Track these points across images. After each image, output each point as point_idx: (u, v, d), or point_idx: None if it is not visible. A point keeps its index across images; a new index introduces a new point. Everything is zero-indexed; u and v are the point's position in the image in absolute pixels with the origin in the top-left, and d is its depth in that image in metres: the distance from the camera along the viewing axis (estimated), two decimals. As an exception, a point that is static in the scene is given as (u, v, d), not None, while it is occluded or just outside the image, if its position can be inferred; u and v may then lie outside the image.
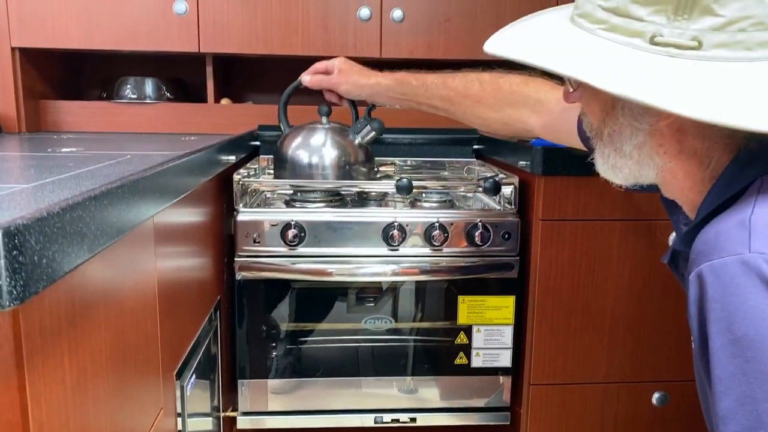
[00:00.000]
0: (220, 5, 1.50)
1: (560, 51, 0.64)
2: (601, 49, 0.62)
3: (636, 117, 0.65)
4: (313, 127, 1.28)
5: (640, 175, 0.69)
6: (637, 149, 0.67)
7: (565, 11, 0.72)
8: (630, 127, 0.66)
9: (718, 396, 0.55)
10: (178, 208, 0.86)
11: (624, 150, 0.68)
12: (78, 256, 0.45)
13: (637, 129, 0.66)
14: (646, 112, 0.64)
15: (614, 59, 0.60)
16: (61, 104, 1.58)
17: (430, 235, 1.16)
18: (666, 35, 0.58)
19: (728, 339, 0.55)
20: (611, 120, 0.67)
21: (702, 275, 0.57)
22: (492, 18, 1.56)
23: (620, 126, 0.67)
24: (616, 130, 0.67)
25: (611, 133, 0.68)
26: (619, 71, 0.59)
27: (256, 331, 1.19)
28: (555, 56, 0.64)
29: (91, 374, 0.53)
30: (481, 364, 1.23)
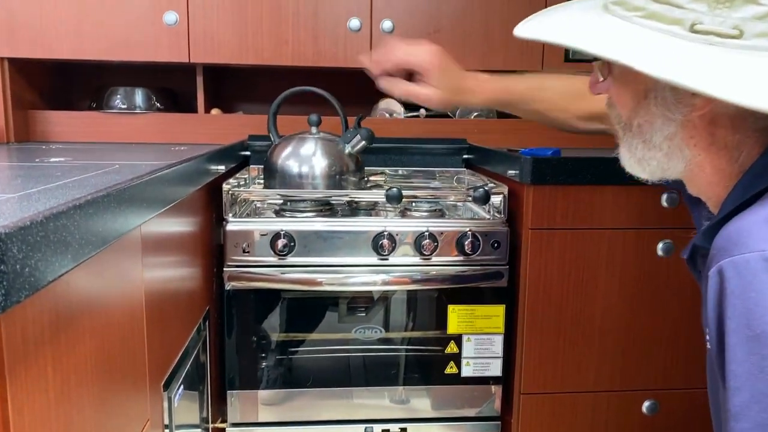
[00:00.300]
0: (210, 16, 1.51)
1: (596, 35, 0.63)
2: (638, 36, 0.61)
3: (669, 107, 0.65)
4: (303, 136, 1.28)
5: (668, 167, 0.69)
6: (668, 140, 0.67)
7: (593, 2, 0.72)
8: (662, 117, 0.66)
9: (731, 392, 0.55)
10: (167, 218, 0.86)
11: (654, 141, 0.67)
12: (62, 266, 0.45)
13: (670, 119, 0.65)
14: (680, 101, 0.64)
15: (653, 45, 0.60)
16: (50, 114, 1.57)
17: (420, 244, 1.16)
18: (706, 23, 0.58)
19: (746, 336, 0.54)
20: (643, 110, 0.67)
21: (723, 271, 0.57)
22: (481, 29, 1.57)
23: (652, 116, 0.66)
24: (647, 121, 0.67)
25: (641, 124, 0.68)
26: (660, 56, 0.59)
27: (245, 341, 1.19)
28: (592, 39, 0.63)
29: (76, 385, 0.53)
30: (472, 373, 1.22)
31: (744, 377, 0.54)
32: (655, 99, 0.65)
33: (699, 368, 1.22)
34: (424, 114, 1.72)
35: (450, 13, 1.56)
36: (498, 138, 1.67)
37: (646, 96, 0.66)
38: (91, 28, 1.48)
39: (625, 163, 0.73)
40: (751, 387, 0.54)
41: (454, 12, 1.56)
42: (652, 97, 0.65)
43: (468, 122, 1.70)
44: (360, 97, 1.83)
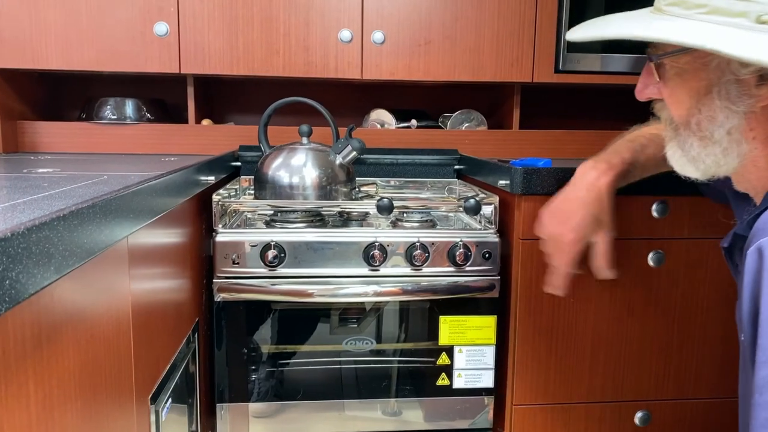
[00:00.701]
0: (201, 26, 1.51)
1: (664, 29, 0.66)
2: (707, 29, 0.63)
3: (733, 100, 0.67)
4: (294, 147, 1.28)
5: (723, 163, 0.71)
6: (728, 134, 0.69)
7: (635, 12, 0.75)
8: (725, 110, 0.68)
9: (759, 365, 0.56)
10: (155, 229, 0.85)
11: (714, 136, 0.69)
12: (44, 278, 0.44)
13: (733, 112, 0.67)
14: (744, 93, 0.66)
15: (726, 35, 0.62)
16: (39, 125, 1.56)
17: (411, 255, 1.15)
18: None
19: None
20: (705, 105, 0.69)
21: (762, 248, 0.59)
22: (471, 41, 1.58)
23: (714, 111, 0.68)
24: (709, 116, 0.69)
25: (700, 121, 0.70)
26: (741, 42, 0.61)
27: (235, 353, 1.17)
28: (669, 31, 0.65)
29: (59, 400, 0.52)
30: (464, 385, 1.22)
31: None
32: (719, 93, 0.67)
33: (691, 378, 1.22)
34: (416, 125, 1.72)
35: (440, 24, 1.57)
36: (489, 149, 1.68)
37: (709, 91, 0.68)
38: (81, 38, 1.48)
39: (675, 163, 0.75)
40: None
41: (445, 24, 1.57)
42: (715, 92, 0.68)
43: (459, 133, 1.70)
44: (351, 107, 1.84)
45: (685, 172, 0.76)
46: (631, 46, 1.56)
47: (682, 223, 1.17)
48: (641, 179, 1.06)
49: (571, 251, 0.98)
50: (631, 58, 1.59)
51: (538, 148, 1.70)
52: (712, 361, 1.22)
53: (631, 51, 1.59)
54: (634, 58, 1.59)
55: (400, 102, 1.84)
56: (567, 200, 0.99)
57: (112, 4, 1.47)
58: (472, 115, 1.74)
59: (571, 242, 0.97)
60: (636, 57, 1.59)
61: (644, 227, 1.17)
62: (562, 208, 0.99)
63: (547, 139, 1.71)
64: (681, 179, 1.10)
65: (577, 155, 1.44)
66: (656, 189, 1.14)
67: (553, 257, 1.01)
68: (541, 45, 1.59)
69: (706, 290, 1.19)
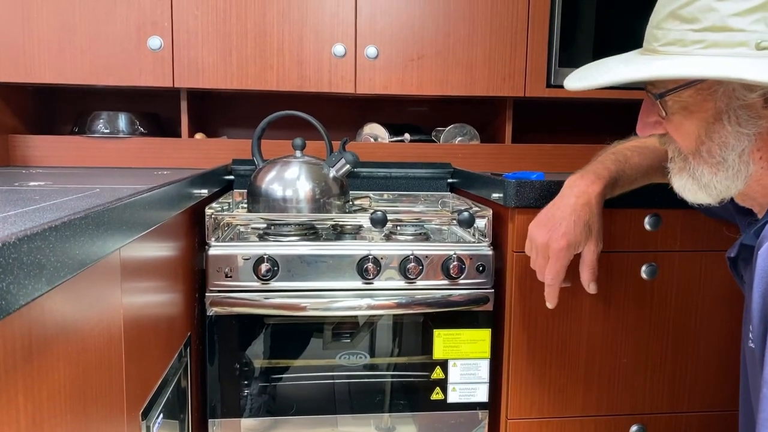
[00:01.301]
0: (194, 40, 1.51)
1: (670, 67, 0.69)
2: (712, 61, 0.66)
3: (742, 123, 0.70)
4: (288, 160, 1.28)
5: (732, 186, 0.74)
6: (739, 157, 0.71)
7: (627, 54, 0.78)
8: (736, 134, 0.70)
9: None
10: (147, 242, 0.84)
11: (727, 161, 0.72)
12: (36, 289, 0.43)
13: (743, 135, 0.70)
14: (753, 116, 0.69)
15: (732, 64, 0.64)
16: (31, 138, 1.56)
17: (405, 268, 1.15)
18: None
19: None
20: (716, 133, 0.71)
21: None
22: (464, 55, 1.59)
23: (726, 136, 0.71)
24: (721, 143, 0.71)
25: (711, 148, 0.72)
26: (748, 68, 0.63)
27: (228, 368, 1.16)
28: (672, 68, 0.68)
29: (49, 414, 0.51)
30: (458, 399, 1.21)
31: None
32: (729, 119, 0.70)
33: (685, 392, 1.22)
34: (409, 138, 1.73)
35: (433, 39, 1.58)
36: (482, 162, 1.69)
37: (718, 119, 0.71)
38: (74, 52, 1.48)
39: (687, 192, 0.78)
40: None
41: (437, 39, 1.58)
42: (725, 119, 0.70)
43: (452, 146, 1.71)
44: (344, 122, 1.84)
45: (697, 200, 0.78)
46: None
47: (675, 236, 1.18)
48: (630, 191, 1.07)
49: (561, 259, 0.98)
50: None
51: (530, 162, 1.71)
52: (707, 374, 1.22)
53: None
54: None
55: (393, 116, 1.85)
56: (556, 207, 0.99)
57: (106, 18, 1.47)
58: (465, 129, 1.75)
59: (562, 249, 0.97)
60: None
61: (637, 240, 1.17)
62: (551, 215, 0.99)
63: (539, 152, 1.72)
64: (673, 192, 1.12)
65: (569, 169, 1.44)
66: (649, 202, 1.15)
67: (543, 268, 1.01)
68: (533, 60, 1.60)
69: (699, 303, 1.19)
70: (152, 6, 1.48)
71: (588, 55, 1.58)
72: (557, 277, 1.00)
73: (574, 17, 1.58)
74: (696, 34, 0.67)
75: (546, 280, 1.02)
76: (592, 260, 1.01)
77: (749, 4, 0.64)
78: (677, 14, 0.70)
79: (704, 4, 0.67)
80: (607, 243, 1.17)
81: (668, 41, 0.70)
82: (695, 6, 0.68)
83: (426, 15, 1.57)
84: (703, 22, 0.67)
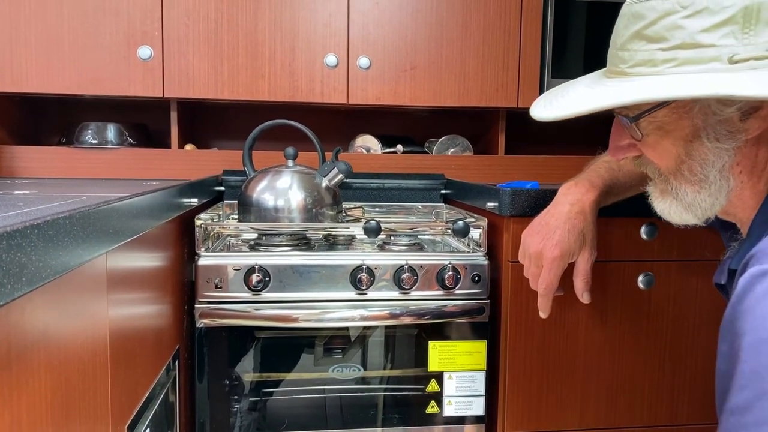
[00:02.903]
0: (185, 50, 1.50)
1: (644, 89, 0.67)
2: (685, 79, 0.65)
3: (721, 139, 0.68)
4: (279, 169, 1.26)
5: (716, 203, 0.73)
6: (719, 173, 0.70)
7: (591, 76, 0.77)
8: (716, 150, 0.69)
9: (737, 389, 0.57)
10: (135, 252, 0.82)
11: (709, 178, 0.71)
12: (15, 289, 0.41)
13: (722, 150, 0.69)
14: (731, 131, 0.68)
15: (706, 81, 0.63)
16: (17, 149, 1.53)
17: (400, 278, 1.13)
18: (742, 53, 0.63)
19: (759, 337, 0.56)
20: (695, 150, 0.70)
21: (754, 275, 0.59)
22: (457, 66, 1.59)
23: (705, 153, 0.70)
24: (701, 160, 0.70)
25: (692, 166, 0.71)
26: (727, 83, 0.62)
27: (217, 382, 1.13)
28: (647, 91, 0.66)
29: (28, 424, 0.48)
30: (454, 412, 1.18)
31: (750, 376, 0.56)
32: (707, 135, 0.69)
33: (684, 403, 1.20)
34: (401, 150, 1.72)
35: (426, 50, 1.58)
36: (475, 174, 1.68)
37: (697, 136, 0.69)
38: (62, 62, 1.46)
39: (672, 213, 0.76)
40: (757, 386, 0.55)
41: (430, 49, 1.58)
42: (704, 135, 0.69)
43: (445, 158, 1.69)
44: (336, 133, 1.83)
45: (683, 221, 0.77)
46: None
47: (671, 245, 1.17)
48: (624, 199, 1.06)
49: (554, 268, 0.96)
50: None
51: (523, 173, 1.70)
52: (705, 386, 1.20)
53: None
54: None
55: (385, 128, 1.84)
56: (550, 215, 0.98)
57: (95, 28, 1.46)
58: (457, 140, 1.74)
59: (555, 258, 0.95)
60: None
61: (633, 249, 1.16)
62: (544, 223, 0.97)
63: (532, 164, 1.71)
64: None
65: (562, 180, 1.43)
66: (644, 211, 1.12)
67: (536, 277, 0.99)
68: (526, 70, 1.60)
69: (696, 312, 1.18)
70: (142, 15, 1.47)
71: (579, 65, 1.58)
72: (550, 286, 0.98)
73: (565, 28, 1.58)
74: (665, 53, 0.66)
75: (539, 290, 1.00)
76: (586, 269, 0.99)
77: (716, 19, 0.63)
78: (642, 35, 0.68)
79: (670, 22, 0.65)
80: (602, 252, 1.16)
81: (636, 62, 0.69)
82: (660, 25, 0.66)
83: (419, 26, 1.57)
84: (671, 41, 0.65)
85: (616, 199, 1.05)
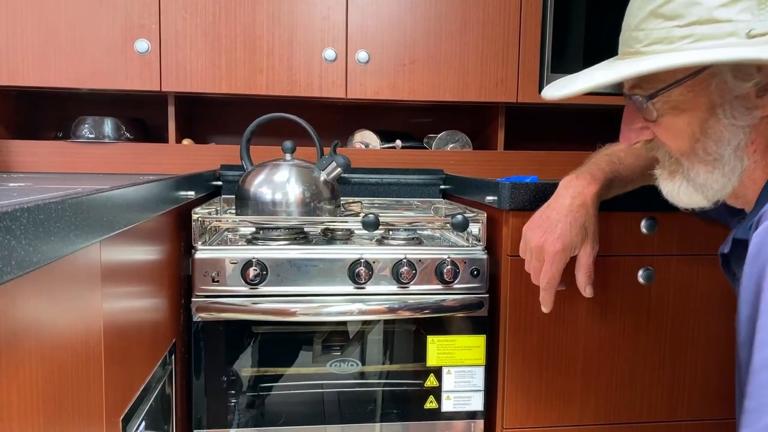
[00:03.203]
0: (182, 44, 1.49)
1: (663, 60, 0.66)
2: (703, 52, 0.64)
3: (737, 116, 0.68)
4: (277, 163, 1.25)
5: (728, 184, 0.72)
6: (734, 152, 0.70)
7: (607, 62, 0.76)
8: (731, 128, 0.69)
9: (758, 346, 0.56)
10: (130, 245, 0.81)
11: (724, 157, 0.70)
12: (4, 272, 0.40)
13: (737, 128, 0.69)
14: (748, 107, 0.67)
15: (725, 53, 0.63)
16: (13, 143, 1.52)
17: (398, 272, 1.12)
18: (759, 28, 0.63)
19: None
20: (711, 128, 0.70)
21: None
22: (456, 60, 1.58)
23: (720, 131, 0.69)
24: (715, 138, 0.70)
25: (707, 145, 0.70)
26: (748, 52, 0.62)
27: (214, 376, 1.12)
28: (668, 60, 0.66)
29: (18, 413, 0.47)
30: (452, 408, 1.17)
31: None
32: (724, 112, 0.68)
33: (684, 399, 1.19)
34: (400, 145, 1.71)
35: (425, 44, 1.57)
36: (474, 169, 1.67)
37: (713, 113, 0.69)
38: (58, 55, 1.45)
39: (680, 195, 0.75)
40: None
41: (429, 44, 1.57)
42: (720, 112, 0.68)
43: (444, 153, 1.69)
44: (335, 128, 1.82)
45: (692, 203, 0.76)
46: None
47: (672, 240, 1.16)
48: (624, 193, 1.05)
49: (557, 262, 0.95)
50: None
51: (522, 169, 1.69)
52: (706, 381, 1.19)
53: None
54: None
55: (384, 123, 1.83)
56: (551, 209, 0.97)
57: (92, 21, 1.45)
58: (456, 136, 1.73)
59: (557, 252, 0.94)
60: (619, 78, 1.60)
61: (633, 244, 1.15)
62: (546, 216, 0.96)
63: (531, 159, 1.70)
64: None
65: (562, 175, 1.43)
66: (644, 205, 1.13)
67: (538, 271, 0.98)
68: (525, 65, 1.59)
69: (697, 308, 1.17)
70: (140, 8, 1.46)
71: (579, 60, 1.57)
72: (553, 280, 0.97)
73: (565, 22, 1.57)
74: (682, 29, 0.66)
75: (541, 284, 0.99)
76: (588, 263, 0.98)
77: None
78: (658, 13, 0.68)
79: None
80: (602, 247, 1.15)
81: (652, 40, 0.68)
82: (677, 3, 0.66)
83: (417, 19, 1.56)
84: (687, 17, 0.65)
85: (617, 192, 1.04)
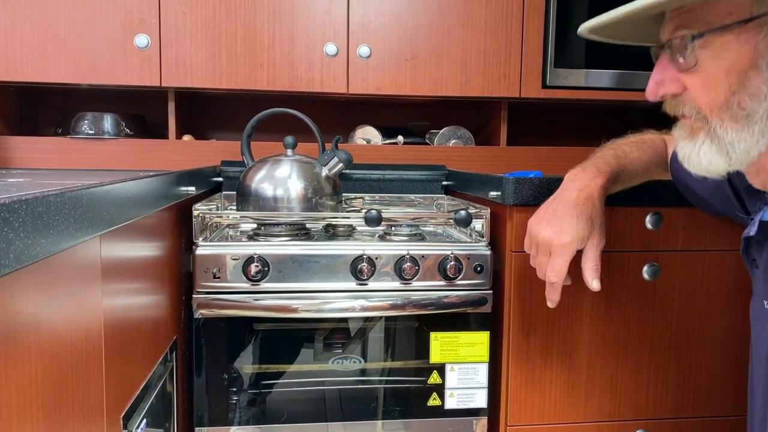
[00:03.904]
0: (183, 39, 1.47)
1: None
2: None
3: None
4: (278, 158, 1.24)
5: (753, 149, 0.67)
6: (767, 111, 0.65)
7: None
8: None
9: None
10: (131, 241, 0.80)
11: (756, 114, 0.66)
12: (1, 265, 0.39)
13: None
14: None
15: None
16: (12, 140, 1.51)
17: (401, 268, 1.11)
18: None
19: None
20: (750, 80, 0.65)
21: None
22: (458, 56, 1.57)
23: (759, 85, 0.65)
24: (753, 93, 0.65)
25: (742, 99, 0.66)
26: None
27: (215, 374, 1.11)
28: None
29: (18, 410, 0.46)
30: (456, 405, 1.16)
31: None
32: (766, 63, 0.64)
33: (690, 396, 1.18)
34: (402, 141, 1.70)
35: (427, 39, 1.56)
36: (477, 165, 1.66)
37: (754, 65, 0.64)
38: (58, 50, 1.44)
39: (700, 155, 0.70)
40: None
41: (431, 38, 1.56)
42: (763, 64, 0.64)
43: (447, 149, 1.67)
44: (336, 124, 1.81)
45: (710, 168, 0.71)
46: (616, 63, 1.56)
47: (677, 235, 1.15)
48: (630, 188, 1.04)
49: (564, 255, 0.94)
50: (616, 74, 1.59)
51: (525, 165, 1.68)
52: (711, 378, 1.18)
53: (616, 67, 1.58)
54: (620, 73, 1.58)
55: (386, 119, 1.82)
56: (558, 202, 0.95)
57: (91, 16, 1.44)
58: (459, 131, 1.72)
59: (564, 245, 0.93)
60: (621, 73, 1.58)
61: (638, 239, 1.14)
62: (552, 210, 0.95)
63: (534, 155, 1.69)
64: (673, 189, 1.09)
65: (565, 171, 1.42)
66: (650, 200, 1.12)
67: (544, 266, 0.97)
68: (528, 60, 1.58)
69: (703, 304, 1.16)
70: (139, 3, 1.45)
71: (582, 55, 1.56)
72: (560, 274, 0.96)
73: (568, 17, 1.56)
74: None
75: (548, 278, 0.98)
76: (595, 256, 0.97)
77: None
78: None
79: None
80: (607, 242, 1.13)
81: None
82: None
83: (419, 14, 1.55)
84: None
85: (623, 187, 1.03)
